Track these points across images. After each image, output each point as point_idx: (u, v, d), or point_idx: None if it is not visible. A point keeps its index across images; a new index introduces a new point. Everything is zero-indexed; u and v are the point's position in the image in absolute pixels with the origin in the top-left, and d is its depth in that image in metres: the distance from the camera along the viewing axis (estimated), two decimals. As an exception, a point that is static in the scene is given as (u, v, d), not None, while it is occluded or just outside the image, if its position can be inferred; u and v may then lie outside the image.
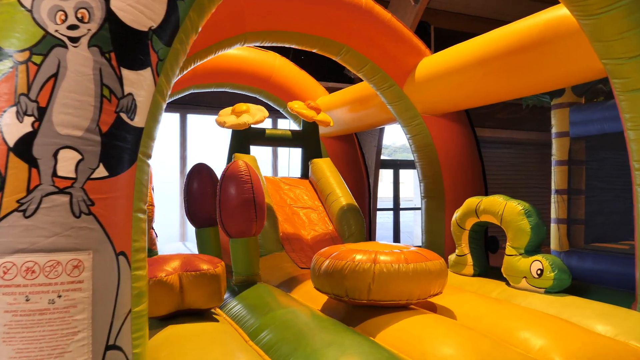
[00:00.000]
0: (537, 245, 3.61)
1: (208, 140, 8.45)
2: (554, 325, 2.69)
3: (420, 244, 5.47)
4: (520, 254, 3.60)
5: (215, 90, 6.33)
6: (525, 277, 3.53)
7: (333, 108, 6.13)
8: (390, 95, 4.76)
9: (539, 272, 3.46)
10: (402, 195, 10.28)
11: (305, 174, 5.76)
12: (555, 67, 3.43)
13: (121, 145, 1.62)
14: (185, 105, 8.23)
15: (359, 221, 4.97)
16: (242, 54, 6.17)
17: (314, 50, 4.57)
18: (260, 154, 8.96)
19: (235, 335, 2.60)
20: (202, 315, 2.78)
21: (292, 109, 5.62)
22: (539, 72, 3.54)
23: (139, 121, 1.67)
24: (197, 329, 2.50)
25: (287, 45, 4.49)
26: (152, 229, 4.93)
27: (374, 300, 2.84)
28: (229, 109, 5.45)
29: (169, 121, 8.36)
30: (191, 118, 8.50)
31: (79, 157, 1.53)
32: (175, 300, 2.62)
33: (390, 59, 4.60)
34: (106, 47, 1.57)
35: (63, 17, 1.53)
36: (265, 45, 4.47)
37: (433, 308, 3.26)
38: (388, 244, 3.25)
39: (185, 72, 4.14)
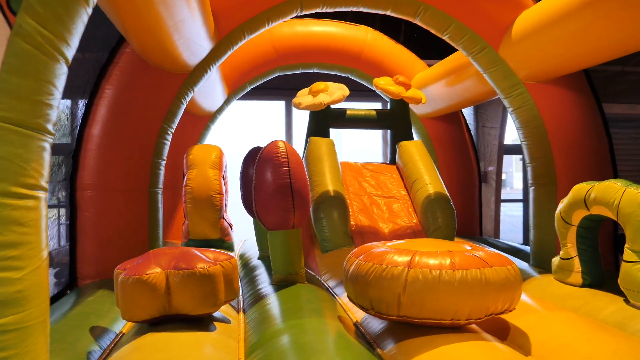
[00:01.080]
0: (671, 250, 2.58)
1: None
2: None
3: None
4: (645, 262, 2.60)
5: (304, 71, 5.94)
6: (650, 293, 2.54)
7: (429, 84, 5.34)
8: (483, 60, 3.89)
9: (671, 288, 2.44)
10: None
11: (393, 159, 5.08)
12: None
13: (-47, 108, 1.23)
14: (292, 91, 7.99)
15: (448, 213, 4.19)
16: (329, 30, 5.69)
17: (387, 13, 3.89)
18: (369, 141, 8.45)
19: (223, 350, 2.12)
20: (201, 321, 2.35)
21: (377, 85, 4.98)
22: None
23: (-17, 75, 1.27)
24: (173, 339, 2.07)
25: (353, 9, 3.89)
26: (224, 218, 4.68)
27: (405, 316, 2.16)
28: (306, 89, 5.01)
29: (274, 109, 8.20)
30: (297, 105, 8.23)
31: None
32: (159, 303, 2.22)
33: (479, 14, 3.74)
34: None
35: None
36: (333, 11, 3.91)
37: (504, 330, 2.46)
38: (460, 245, 2.46)
39: (236, 46, 3.76)
